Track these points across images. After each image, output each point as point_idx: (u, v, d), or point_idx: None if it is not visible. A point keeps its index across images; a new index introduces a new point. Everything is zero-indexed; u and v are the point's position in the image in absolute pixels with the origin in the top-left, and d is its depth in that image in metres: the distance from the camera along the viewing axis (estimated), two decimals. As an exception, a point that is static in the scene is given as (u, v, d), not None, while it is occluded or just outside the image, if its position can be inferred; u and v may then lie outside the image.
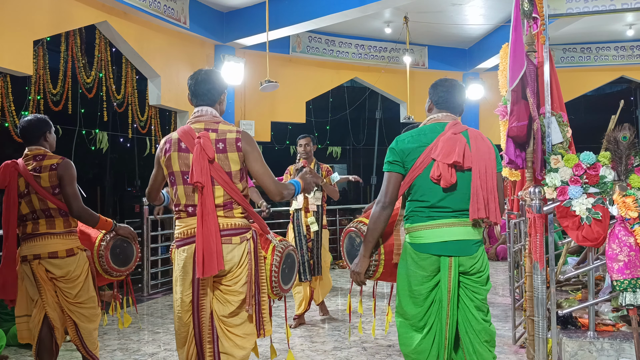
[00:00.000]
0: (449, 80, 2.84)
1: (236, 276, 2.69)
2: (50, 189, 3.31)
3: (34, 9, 5.82)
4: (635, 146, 3.22)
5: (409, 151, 2.68)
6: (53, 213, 3.33)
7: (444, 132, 2.67)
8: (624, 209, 3.10)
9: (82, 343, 3.38)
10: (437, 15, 8.96)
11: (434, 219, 2.64)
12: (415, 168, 2.66)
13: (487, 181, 2.61)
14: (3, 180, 3.32)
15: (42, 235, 3.32)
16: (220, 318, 2.72)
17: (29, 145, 3.42)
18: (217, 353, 2.71)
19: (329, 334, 5.03)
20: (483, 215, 2.58)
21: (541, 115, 3.51)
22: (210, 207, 2.60)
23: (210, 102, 2.82)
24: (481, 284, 2.69)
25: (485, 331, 2.66)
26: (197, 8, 8.04)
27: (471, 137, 2.66)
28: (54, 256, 3.30)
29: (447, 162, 2.57)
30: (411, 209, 2.71)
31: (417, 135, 2.73)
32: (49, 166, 3.32)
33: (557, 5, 4.00)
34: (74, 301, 3.36)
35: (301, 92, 9.95)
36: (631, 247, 3.07)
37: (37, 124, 3.44)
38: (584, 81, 11.04)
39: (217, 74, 2.87)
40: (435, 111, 2.81)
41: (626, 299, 3.08)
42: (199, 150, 2.61)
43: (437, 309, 2.67)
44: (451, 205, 2.64)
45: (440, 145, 2.61)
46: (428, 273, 2.65)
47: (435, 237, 2.63)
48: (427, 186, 2.64)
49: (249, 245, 2.73)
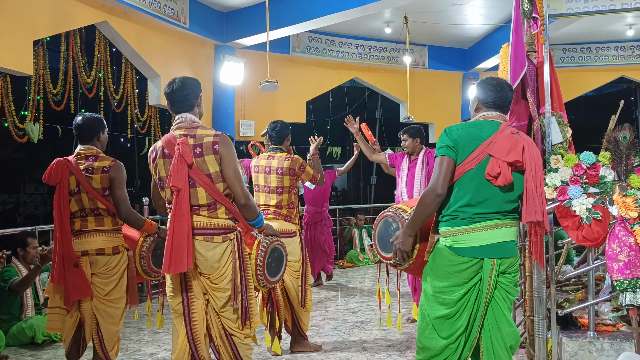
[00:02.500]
0: (496, 79, 2.77)
1: (221, 274, 2.87)
2: (100, 190, 3.37)
3: (34, 9, 5.82)
4: (635, 146, 3.22)
5: (464, 141, 2.59)
6: (102, 212, 3.40)
7: (499, 130, 2.60)
8: (624, 209, 3.10)
9: (100, 342, 3.40)
10: (437, 15, 8.96)
11: (477, 221, 2.57)
12: (468, 161, 2.57)
13: (538, 185, 2.54)
14: (55, 178, 3.37)
15: (91, 232, 3.39)
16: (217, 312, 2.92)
17: (82, 144, 3.49)
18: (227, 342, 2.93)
19: (329, 334, 5.03)
20: (540, 218, 2.51)
21: (541, 115, 3.51)
22: (185, 209, 2.77)
23: (188, 107, 2.97)
24: (514, 283, 2.67)
25: (513, 335, 2.63)
26: (197, 8, 8.04)
27: (524, 140, 2.61)
28: (101, 253, 3.38)
29: (508, 160, 2.51)
30: (452, 210, 2.61)
31: (473, 127, 2.64)
32: (101, 168, 3.39)
33: (557, 5, 4.00)
34: (105, 298, 3.39)
35: (301, 92, 9.94)
36: (631, 247, 3.07)
37: (93, 123, 3.50)
38: (584, 81, 11.03)
39: (191, 79, 3.00)
40: (485, 110, 2.73)
41: (626, 299, 3.08)
42: (177, 156, 2.78)
43: (469, 313, 2.60)
44: (495, 205, 2.58)
45: (499, 142, 2.54)
46: (467, 275, 2.58)
47: (479, 240, 2.57)
48: (475, 182, 2.57)
49: (232, 245, 2.89)
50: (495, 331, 2.61)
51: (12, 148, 14.97)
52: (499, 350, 2.60)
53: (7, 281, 4.78)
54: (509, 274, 2.64)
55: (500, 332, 2.61)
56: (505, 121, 2.69)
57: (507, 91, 2.73)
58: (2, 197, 17.29)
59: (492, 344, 2.61)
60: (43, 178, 3.41)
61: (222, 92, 8.75)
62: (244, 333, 2.93)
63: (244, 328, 2.92)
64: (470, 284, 2.59)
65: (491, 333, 2.61)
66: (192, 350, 2.89)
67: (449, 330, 2.61)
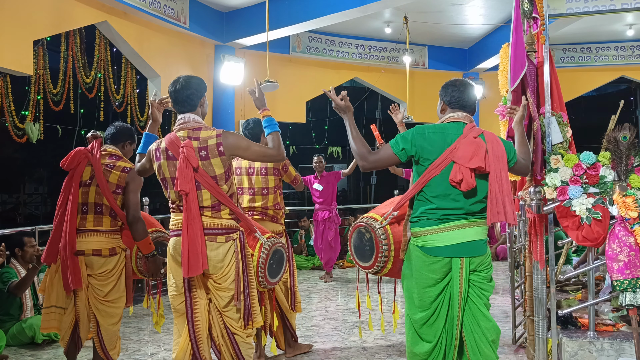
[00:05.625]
0: (459, 80, 2.84)
1: (224, 274, 2.88)
2: (114, 186, 3.40)
3: (34, 9, 5.82)
4: (635, 146, 3.22)
5: (428, 150, 2.67)
6: (104, 210, 3.40)
7: (463, 134, 2.66)
8: (624, 209, 3.10)
9: (100, 342, 3.40)
10: (437, 15, 8.96)
11: (445, 221, 2.64)
12: (433, 168, 2.65)
13: (503, 184, 2.62)
14: (71, 163, 3.41)
15: (89, 231, 3.38)
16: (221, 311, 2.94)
17: (110, 144, 3.59)
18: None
19: (329, 334, 5.03)
20: (502, 219, 2.59)
21: (541, 115, 3.50)
22: (195, 212, 2.79)
23: (191, 107, 2.96)
24: (488, 280, 2.72)
25: (493, 329, 2.68)
26: (197, 8, 8.04)
27: (488, 141, 2.67)
28: (98, 254, 3.37)
29: (470, 166, 2.57)
30: (421, 212, 2.70)
31: (440, 132, 2.70)
32: (122, 167, 3.45)
33: (557, 5, 4.00)
34: (103, 299, 3.39)
35: (301, 92, 9.94)
36: (631, 247, 3.07)
37: (123, 131, 3.65)
38: (584, 81, 11.03)
39: (196, 79, 3.01)
40: (450, 111, 2.79)
41: (626, 299, 3.08)
42: (183, 160, 2.78)
43: (446, 312, 2.67)
44: (464, 207, 2.65)
45: (461, 149, 2.61)
46: (438, 275, 2.66)
47: (447, 240, 2.64)
48: (442, 187, 2.64)
49: (235, 244, 2.91)
50: (476, 327, 2.68)
51: (12, 148, 14.96)
52: (482, 346, 2.66)
53: (6, 283, 4.78)
54: (481, 272, 2.71)
55: (480, 327, 2.67)
56: (471, 122, 2.75)
57: (471, 91, 2.81)
58: (2, 197, 17.27)
59: (475, 340, 2.67)
60: (61, 163, 3.43)
61: (222, 92, 8.75)
62: (246, 332, 2.95)
63: (247, 327, 2.94)
64: (442, 284, 2.67)
65: (472, 330, 2.68)
66: (193, 349, 2.90)
67: (430, 333, 2.68)
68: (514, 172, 2.88)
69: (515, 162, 2.80)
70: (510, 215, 2.61)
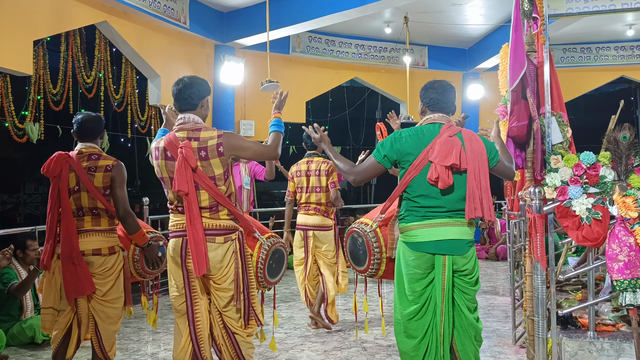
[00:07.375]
0: (438, 82, 2.92)
1: (224, 275, 2.90)
2: (102, 189, 3.35)
3: (34, 9, 5.81)
4: (635, 146, 3.22)
5: (407, 153, 2.76)
6: (100, 212, 3.38)
7: (439, 134, 2.74)
8: (624, 209, 3.10)
9: (99, 343, 3.40)
10: (437, 15, 8.96)
11: (428, 218, 2.72)
12: (412, 169, 2.73)
13: (481, 181, 2.70)
14: (54, 170, 3.32)
15: (87, 232, 3.36)
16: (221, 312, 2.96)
17: (83, 142, 3.45)
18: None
19: (329, 334, 5.03)
20: (479, 214, 2.67)
21: (541, 115, 3.51)
22: (196, 212, 2.82)
23: (190, 106, 2.96)
24: (471, 284, 2.79)
25: (472, 327, 2.77)
26: (197, 8, 8.03)
27: (465, 139, 2.74)
28: (97, 253, 3.35)
29: (445, 165, 2.64)
30: (406, 209, 2.79)
31: (416, 134, 2.79)
32: (104, 167, 3.36)
33: (557, 5, 4.00)
34: (102, 298, 3.37)
35: (301, 92, 9.93)
36: (631, 247, 3.07)
37: (96, 121, 3.48)
38: (584, 81, 11.03)
39: (200, 80, 3.01)
40: (429, 113, 2.88)
41: (626, 299, 3.08)
42: (181, 161, 2.78)
43: (433, 308, 2.75)
44: (446, 205, 2.72)
45: (437, 148, 2.68)
46: (422, 271, 2.74)
47: (430, 236, 2.71)
48: (423, 187, 2.73)
49: (234, 245, 2.92)
50: (459, 327, 2.77)
51: (12, 148, 14.95)
52: (466, 344, 2.76)
53: (7, 284, 4.78)
54: (465, 276, 2.76)
55: (462, 326, 2.76)
56: (448, 122, 2.82)
57: (450, 93, 2.89)
58: (2, 197, 17.28)
59: (461, 336, 2.77)
60: (42, 169, 3.35)
61: (222, 92, 8.75)
62: (247, 332, 2.96)
63: (247, 327, 2.95)
64: (426, 280, 2.74)
65: (458, 330, 2.77)
66: (194, 349, 2.91)
67: (418, 329, 2.75)
68: (496, 173, 2.90)
69: (498, 162, 2.85)
70: (487, 211, 2.69)
